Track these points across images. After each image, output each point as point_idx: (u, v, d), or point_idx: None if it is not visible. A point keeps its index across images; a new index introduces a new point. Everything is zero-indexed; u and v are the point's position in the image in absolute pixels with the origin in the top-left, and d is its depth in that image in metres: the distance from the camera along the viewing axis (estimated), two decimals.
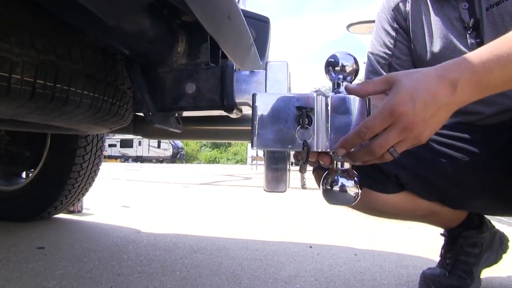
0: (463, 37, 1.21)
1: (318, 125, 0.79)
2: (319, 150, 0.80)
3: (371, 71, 1.40)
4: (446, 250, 1.49)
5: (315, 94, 0.79)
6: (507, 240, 1.59)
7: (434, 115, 0.73)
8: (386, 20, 1.40)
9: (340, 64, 0.83)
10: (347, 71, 0.83)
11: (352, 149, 0.78)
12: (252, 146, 0.81)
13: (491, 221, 1.52)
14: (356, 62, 0.85)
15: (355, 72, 0.84)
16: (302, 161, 0.79)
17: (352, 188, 0.82)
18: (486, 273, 1.58)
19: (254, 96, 0.81)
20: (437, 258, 1.54)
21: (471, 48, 1.20)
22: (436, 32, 1.26)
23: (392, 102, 0.73)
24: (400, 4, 1.36)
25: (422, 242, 2.35)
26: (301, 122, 0.78)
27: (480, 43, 1.18)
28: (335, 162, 0.84)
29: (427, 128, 0.74)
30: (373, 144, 0.75)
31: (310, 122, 0.78)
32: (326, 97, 0.79)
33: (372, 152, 0.75)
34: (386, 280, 1.61)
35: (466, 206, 1.37)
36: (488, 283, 1.58)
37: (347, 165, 0.84)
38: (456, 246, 1.44)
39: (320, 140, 0.79)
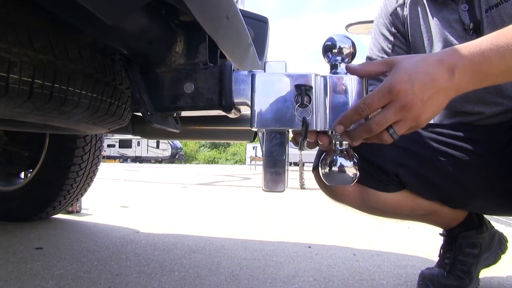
0: (463, 39, 1.20)
1: (317, 104, 0.80)
2: (318, 129, 0.80)
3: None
4: (445, 250, 1.49)
5: (313, 73, 0.80)
6: (506, 241, 1.60)
7: (432, 97, 0.74)
8: (384, 25, 1.40)
9: (338, 46, 0.84)
10: (345, 53, 0.84)
11: (351, 128, 0.78)
12: (251, 125, 0.82)
13: (490, 221, 1.52)
14: (353, 45, 0.86)
15: (352, 54, 0.85)
16: (301, 138, 0.80)
17: (350, 168, 0.83)
18: (485, 273, 1.58)
19: (253, 76, 0.82)
20: (436, 258, 1.54)
21: None
22: (435, 36, 1.27)
23: (391, 81, 0.74)
24: (398, 9, 1.37)
25: (421, 242, 2.35)
26: (300, 100, 0.78)
27: None
28: (333, 142, 0.84)
29: (426, 110, 0.74)
30: (371, 121, 0.75)
31: (309, 101, 0.79)
32: (325, 77, 0.80)
33: (370, 129, 0.76)
34: (384, 280, 1.61)
35: (465, 206, 1.37)
36: (486, 284, 1.58)
37: (345, 146, 0.84)
38: (455, 246, 1.44)
39: (319, 119, 0.80)
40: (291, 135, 0.88)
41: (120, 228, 2.67)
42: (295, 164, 9.03)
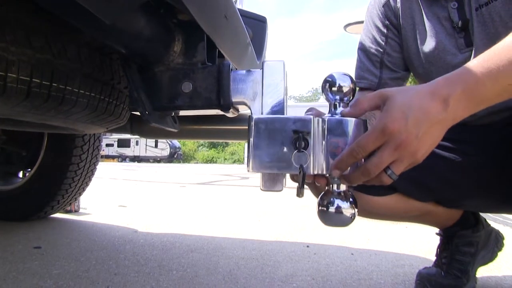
0: (451, 37, 1.21)
1: (315, 147, 0.78)
2: (315, 173, 0.79)
3: (362, 68, 1.40)
4: (442, 249, 1.49)
5: (312, 117, 0.79)
6: (503, 238, 1.60)
7: (427, 132, 0.72)
8: (377, 16, 1.39)
9: (337, 85, 0.83)
10: (344, 91, 0.83)
11: (348, 171, 0.77)
12: (248, 169, 0.81)
13: (486, 219, 1.53)
14: (352, 81, 0.84)
15: (352, 91, 0.84)
16: (298, 185, 0.79)
17: (348, 210, 0.82)
18: (482, 272, 1.58)
19: (250, 118, 0.81)
20: (433, 258, 1.55)
21: (460, 48, 1.20)
22: (427, 31, 1.26)
23: (384, 120, 0.72)
24: (391, 1, 1.36)
25: (418, 241, 2.36)
26: (297, 145, 0.77)
27: (469, 43, 1.18)
28: (331, 184, 0.84)
29: (422, 145, 0.73)
30: (368, 163, 0.74)
31: (307, 145, 0.78)
32: (323, 120, 0.79)
33: (368, 172, 0.74)
34: (382, 280, 1.62)
35: (460, 205, 1.37)
36: (484, 282, 1.59)
37: (343, 187, 0.83)
38: (452, 245, 1.45)
39: (316, 162, 0.78)
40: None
41: (118, 227, 2.67)
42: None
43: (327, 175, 0.81)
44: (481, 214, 1.51)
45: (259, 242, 2.30)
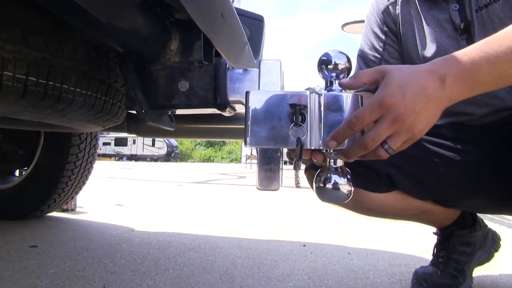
0: (453, 39, 1.20)
1: (311, 122, 0.78)
2: (313, 148, 0.80)
3: None
4: (439, 249, 1.49)
5: (308, 92, 0.79)
6: (499, 239, 1.60)
7: (424, 108, 0.73)
8: (375, 23, 1.39)
9: (333, 63, 0.83)
10: (340, 69, 0.83)
11: (345, 145, 0.78)
12: (245, 144, 0.81)
13: (484, 220, 1.53)
14: (348, 60, 0.84)
15: (348, 70, 0.84)
16: (295, 158, 0.79)
17: (345, 186, 0.82)
18: (478, 272, 1.58)
19: (247, 93, 0.81)
20: (430, 257, 1.55)
21: None
22: (427, 36, 1.26)
23: (382, 93, 0.73)
24: (390, 7, 1.35)
25: (415, 241, 2.36)
26: (294, 119, 0.77)
27: None
28: (328, 160, 0.84)
29: (419, 120, 0.73)
30: (365, 137, 0.74)
31: (304, 120, 0.78)
32: (319, 95, 0.79)
33: (365, 146, 0.75)
34: (379, 279, 1.62)
35: (458, 205, 1.37)
36: (480, 282, 1.59)
37: (340, 163, 0.84)
38: (449, 245, 1.45)
39: (313, 137, 0.79)
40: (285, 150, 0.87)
41: (115, 226, 2.66)
42: (290, 162, 9.04)
43: (324, 150, 0.81)
44: (478, 214, 1.51)
45: (256, 241, 2.31)
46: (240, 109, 1.22)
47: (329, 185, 0.83)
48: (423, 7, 1.27)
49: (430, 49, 1.25)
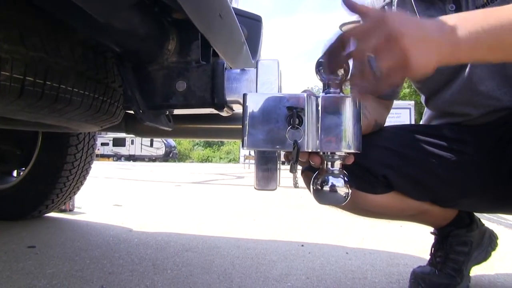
0: None
1: (309, 125, 0.78)
2: (310, 150, 0.80)
3: None
4: (436, 248, 1.50)
5: (305, 95, 0.79)
6: (496, 238, 1.61)
7: (423, 40, 0.70)
8: None
9: None
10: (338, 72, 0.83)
11: (340, 148, 0.77)
12: (242, 146, 0.81)
13: (481, 219, 1.53)
14: (346, 62, 0.84)
15: (346, 72, 0.84)
16: (292, 161, 0.79)
17: (342, 188, 0.82)
18: (476, 271, 1.59)
19: (244, 96, 0.81)
20: (427, 257, 1.55)
21: None
22: None
23: (381, 13, 0.73)
24: (386, 8, 1.35)
25: (413, 241, 2.36)
26: (291, 122, 0.77)
27: None
28: (325, 162, 0.84)
29: (414, 50, 0.69)
30: (354, 49, 0.73)
31: (301, 122, 0.78)
32: (317, 97, 0.79)
33: (353, 55, 0.74)
34: (377, 279, 1.62)
35: (455, 205, 1.37)
36: (477, 281, 1.59)
37: (337, 166, 0.84)
38: (446, 244, 1.45)
39: (310, 140, 0.79)
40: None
41: (113, 226, 2.66)
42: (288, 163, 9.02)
43: (322, 153, 0.81)
44: (476, 214, 1.51)
45: (254, 241, 2.30)
46: (238, 109, 1.22)
47: (326, 188, 0.82)
48: (420, 8, 1.26)
49: None
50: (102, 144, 43.25)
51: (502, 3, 1.08)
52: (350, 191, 0.83)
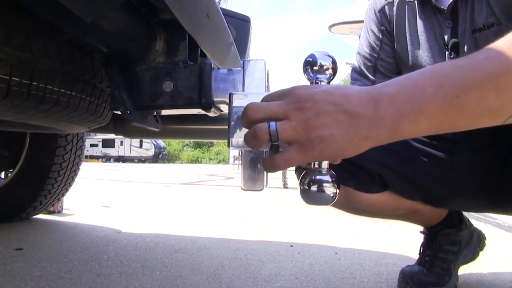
0: (442, 55, 1.19)
1: None
2: None
3: (356, 71, 1.41)
4: (425, 247, 1.51)
5: None
6: (484, 238, 1.62)
7: (336, 117, 0.59)
8: (373, 21, 1.38)
9: (318, 64, 0.82)
10: (325, 70, 0.83)
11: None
12: (228, 146, 0.81)
13: (469, 219, 1.55)
14: (334, 62, 0.83)
15: (333, 72, 0.84)
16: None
17: (329, 188, 0.82)
18: (464, 270, 1.60)
19: (230, 95, 0.81)
20: (416, 256, 1.56)
21: None
22: (421, 43, 1.24)
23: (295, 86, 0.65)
24: (386, 7, 1.34)
25: (401, 240, 2.38)
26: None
27: None
28: (312, 162, 0.84)
29: (319, 123, 0.59)
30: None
31: None
32: None
33: (245, 115, 0.65)
34: (365, 278, 1.63)
35: (448, 205, 1.38)
36: (465, 280, 1.60)
37: (325, 165, 0.83)
38: (435, 243, 1.46)
39: None
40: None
41: (102, 228, 2.65)
42: None
43: None
44: (464, 213, 1.53)
45: (243, 241, 2.30)
46: (226, 109, 1.22)
47: (313, 188, 0.82)
48: (422, 15, 1.24)
49: (422, 58, 1.24)
50: (91, 145, 43.14)
51: (499, 30, 1.06)
52: (338, 191, 0.83)
